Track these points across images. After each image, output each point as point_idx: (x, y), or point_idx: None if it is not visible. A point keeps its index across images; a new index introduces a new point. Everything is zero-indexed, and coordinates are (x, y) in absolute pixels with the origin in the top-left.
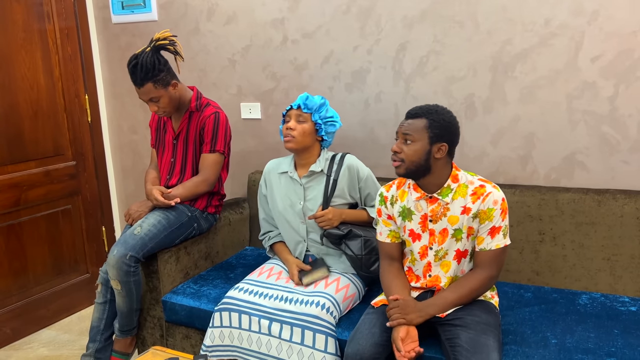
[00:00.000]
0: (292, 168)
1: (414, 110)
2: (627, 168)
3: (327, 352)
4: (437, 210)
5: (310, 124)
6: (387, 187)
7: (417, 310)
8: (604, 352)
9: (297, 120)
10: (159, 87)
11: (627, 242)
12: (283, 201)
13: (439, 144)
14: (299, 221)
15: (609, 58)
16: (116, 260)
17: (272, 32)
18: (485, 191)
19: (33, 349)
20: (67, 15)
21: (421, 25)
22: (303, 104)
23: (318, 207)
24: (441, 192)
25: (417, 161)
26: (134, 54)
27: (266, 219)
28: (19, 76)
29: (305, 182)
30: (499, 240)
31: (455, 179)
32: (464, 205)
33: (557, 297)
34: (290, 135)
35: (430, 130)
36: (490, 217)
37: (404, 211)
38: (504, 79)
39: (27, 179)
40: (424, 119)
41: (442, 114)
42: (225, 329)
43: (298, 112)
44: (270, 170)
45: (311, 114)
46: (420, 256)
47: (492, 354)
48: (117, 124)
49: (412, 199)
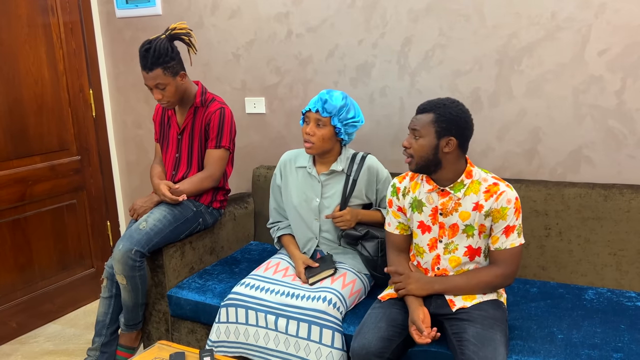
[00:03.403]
0: (311, 164)
1: (423, 105)
2: (634, 163)
3: (333, 347)
4: (447, 204)
5: (329, 128)
6: (400, 178)
7: (420, 281)
8: (610, 347)
9: (317, 124)
10: (167, 74)
11: (633, 237)
12: (299, 196)
13: (446, 138)
14: (313, 218)
15: (616, 51)
16: (122, 254)
17: (277, 26)
18: (499, 189)
19: (39, 343)
20: (71, 10)
21: (427, 18)
22: (322, 108)
23: (335, 206)
24: (453, 187)
25: (425, 156)
26: (147, 39)
27: (277, 209)
28: (23, 71)
29: (324, 180)
30: (513, 239)
31: (469, 175)
32: (476, 202)
33: (563, 292)
34: (310, 141)
35: (436, 125)
36: (504, 216)
37: (415, 202)
38: (509, 72)
39: (32, 174)
40: (431, 114)
41: (449, 107)
42: (232, 324)
43: (317, 116)
44: (287, 161)
45: (331, 117)
46: (429, 248)
47: (499, 349)
48: (121, 118)
49: (424, 191)
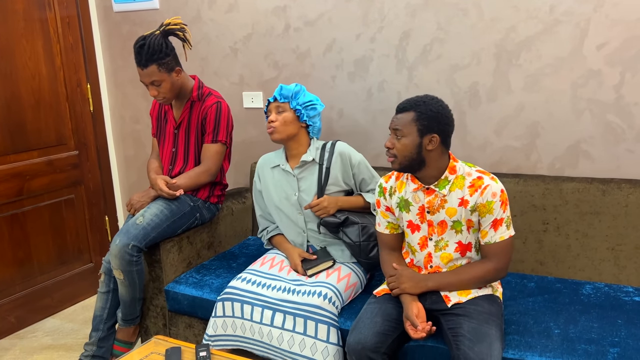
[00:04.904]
0: (284, 160)
1: (402, 104)
2: (632, 157)
3: (329, 342)
4: (434, 201)
5: (289, 112)
6: (386, 178)
7: (414, 280)
8: (607, 342)
9: (277, 111)
10: (162, 70)
11: (631, 231)
12: (278, 194)
13: (429, 135)
14: (296, 212)
15: (614, 45)
16: (119, 249)
17: (274, 20)
18: (483, 183)
19: (37, 337)
20: (68, 4)
21: (424, 12)
22: (279, 94)
23: (313, 196)
24: (438, 184)
25: (409, 155)
26: (142, 35)
27: (263, 215)
28: (20, 65)
29: (298, 173)
30: (502, 232)
31: (453, 171)
32: (462, 197)
33: (561, 287)
34: (272, 127)
35: (418, 123)
36: (491, 210)
37: (402, 202)
38: (508, 67)
39: (29, 169)
40: (412, 112)
41: (430, 104)
42: (228, 318)
43: (276, 104)
44: (263, 165)
45: (288, 102)
46: (420, 247)
47: (494, 344)
48: (119, 113)
49: (410, 190)
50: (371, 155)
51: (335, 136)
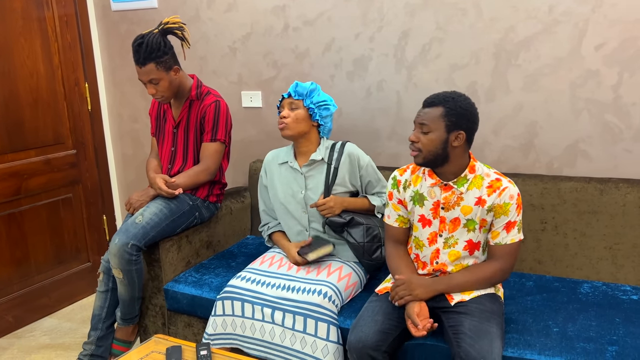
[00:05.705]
0: (292, 157)
1: (431, 98)
2: (630, 157)
3: (329, 341)
4: (450, 198)
5: (303, 110)
6: (401, 170)
7: (424, 285)
8: (605, 340)
9: (290, 108)
10: (160, 69)
11: (629, 231)
12: (284, 191)
13: (456, 132)
14: (301, 210)
15: (613, 46)
16: (118, 248)
17: (273, 19)
18: (502, 185)
19: (35, 337)
20: (66, 3)
21: (424, 12)
22: (294, 91)
23: (319, 195)
24: (457, 181)
25: (434, 150)
26: (140, 34)
27: (266, 210)
28: (18, 64)
29: (306, 171)
30: (513, 235)
31: (473, 170)
32: (479, 197)
33: (559, 285)
34: (283, 122)
35: (446, 119)
36: (506, 212)
37: (416, 196)
38: (506, 66)
39: (27, 168)
40: (440, 107)
41: (458, 101)
42: (228, 317)
43: (290, 100)
44: (270, 160)
45: (302, 99)
46: (429, 242)
47: (494, 341)
48: (117, 112)
49: (427, 185)
50: (371, 155)
51: (334, 135)
